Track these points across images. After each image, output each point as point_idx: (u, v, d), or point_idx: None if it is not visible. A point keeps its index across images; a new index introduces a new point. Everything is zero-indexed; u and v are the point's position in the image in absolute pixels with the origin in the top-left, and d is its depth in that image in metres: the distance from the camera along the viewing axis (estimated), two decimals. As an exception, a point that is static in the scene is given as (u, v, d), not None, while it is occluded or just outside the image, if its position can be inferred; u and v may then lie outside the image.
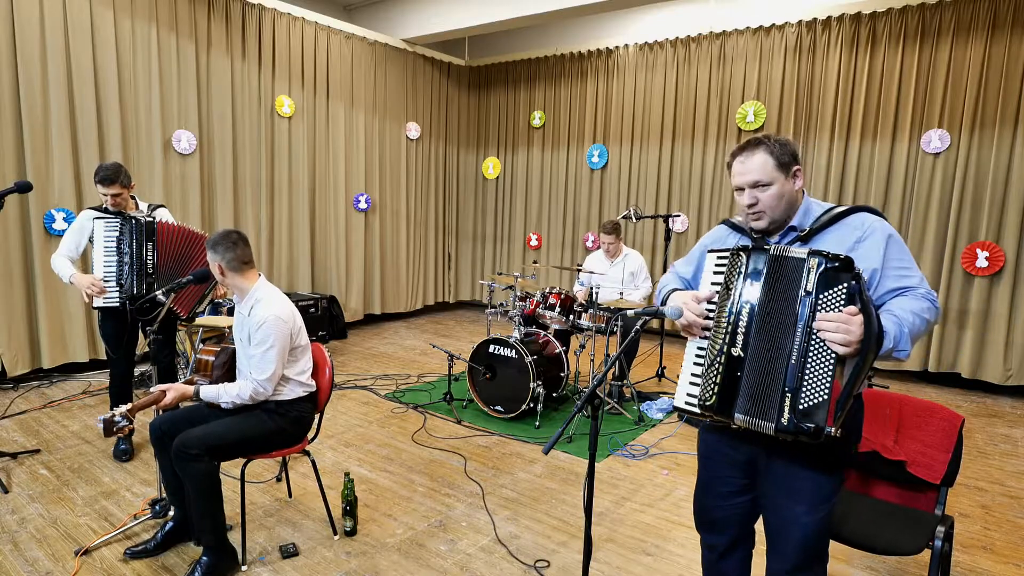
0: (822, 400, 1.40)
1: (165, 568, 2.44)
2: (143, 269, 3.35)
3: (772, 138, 1.61)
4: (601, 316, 4.31)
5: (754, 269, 1.53)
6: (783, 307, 1.48)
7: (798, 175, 1.61)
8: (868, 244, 1.54)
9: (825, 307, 1.41)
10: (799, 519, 1.59)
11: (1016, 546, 2.80)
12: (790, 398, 1.44)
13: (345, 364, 5.55)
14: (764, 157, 1.58)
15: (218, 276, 2.48)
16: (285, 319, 2.45)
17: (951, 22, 5.05)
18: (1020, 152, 4.85)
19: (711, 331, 1.59)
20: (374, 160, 7.04)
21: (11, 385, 4.52)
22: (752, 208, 1.61)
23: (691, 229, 6.52)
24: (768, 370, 1.48)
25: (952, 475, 2.11)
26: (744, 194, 1.62)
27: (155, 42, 5.04)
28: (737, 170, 1.62)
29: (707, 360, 1.59)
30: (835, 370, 1.40)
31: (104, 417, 2.22)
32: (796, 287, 1.45)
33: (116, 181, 3.25)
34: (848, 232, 1.57)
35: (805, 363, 1.43)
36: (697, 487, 1.84)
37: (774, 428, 1.46)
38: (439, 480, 3.31)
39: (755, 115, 6.00)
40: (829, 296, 1.41)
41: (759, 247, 1.55)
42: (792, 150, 1.60)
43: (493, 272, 8.20)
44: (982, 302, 5.07)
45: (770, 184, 1.58)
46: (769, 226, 1.63)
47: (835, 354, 1.39)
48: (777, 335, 1.48)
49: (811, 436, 1.41)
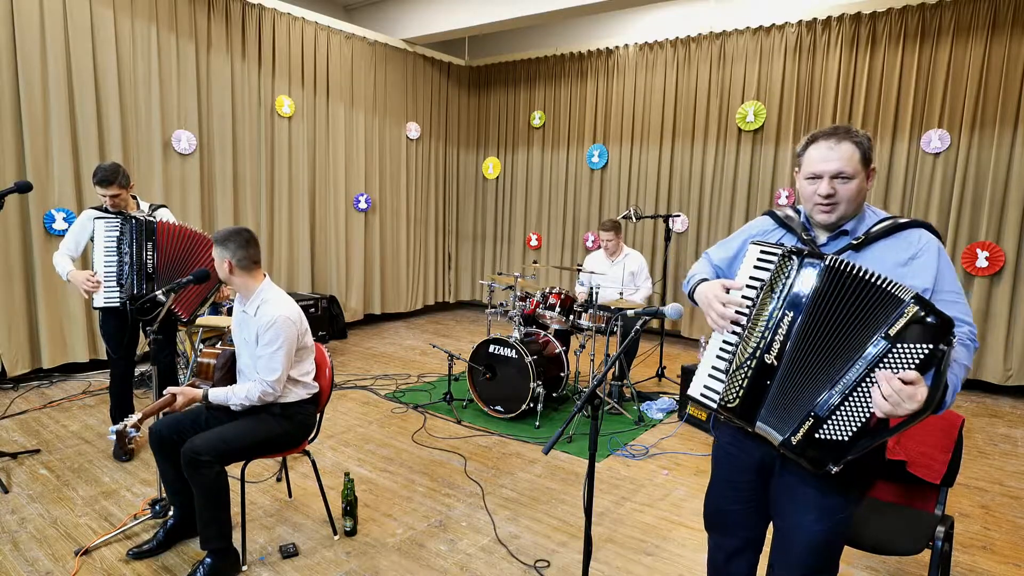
0: (840, 440, 1.36)
1: (165, 568, 2.44)
2: (143, 269, 3.35)
3: (857, 131, 1.53)
4: (601, 316, 4.31)
5: (807, 276, 1.43)
6: (845, 331, 1.38)
7: (872, 175, 1.54)
8: (921, 263, 1.46)
9: (896, 359, 1.30)
10: (808, 527, 1.55)
11: (1016, 546, 2.80)
12: (811, 423, 1.39)
13: (345, 364, 5.55)
14: (852, 149, 1.50)
15: (224, 274, 2.45)
16: (294, 320, 2.45)
17: (951, 22, 5.05)
18: (1020, 152, 4.85)
19: (743, 329, 1.52)
20: (374, 160, 7.04)
21: (11, 385, 4.52)
22: (829, 199, 1.51)
23: (691, 229, 6.53)
24: (806, 390, 1.42)
25: (952, 475, 2.11)
26: (822, 183, 1.51)
27: (155, 42, 5.04)
28: (821, 155, 1.51)
29: (736, 359, 1.53)
30: (868, 421, 1.33)
31: (116, 429, 2.19)
32: (875, 322, 1.33)
33: (114, 182, 3.24)
34: (903, 247, 1.49)
35: (845, 401, 1.36)
36: (709, 487, 1.81)
37: (780, 441, 1.44)
38: (439, 480, 3.31)
39: (755, 115, 6.00)
40: (907, 351, 1.29)
41: (816, 254, 1.44)
42: (871, 147, 1.53)
43: (493, 272, 8.20)
44: (982, 302, 5.07)
45: (852, 177, 1.50)
46: (841, 219, 1.55)
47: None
48: (828, 356, 1.39)
49: (812, 465, 1.39)
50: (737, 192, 6.20)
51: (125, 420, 2.23)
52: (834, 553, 1.60)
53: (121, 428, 2.19)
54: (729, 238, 1.82)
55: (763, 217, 1.74)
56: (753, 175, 6.12)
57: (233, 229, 2.45)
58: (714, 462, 1.80)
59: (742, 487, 1.70)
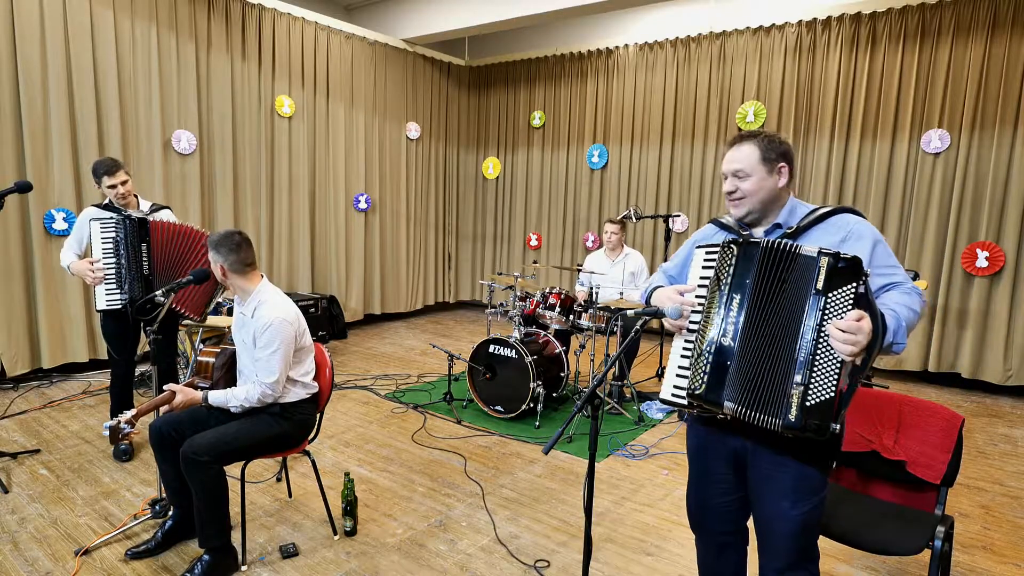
0: (829, 398, 1.43)
1: (165, 568, 2.44)
2: (139, 271, 3.34)
3: (765, 134, 1.67)
4: (601, 316, 4.31)
5: (746, 261, 1.57)
6: (787, 302, 1.50)
7: (783, 172, 1.65)
8: (852, 244, 1.58)
9: (833, 307, 1.43)
10: (786, 513, 1.61)
11: (1016, 546, 2.80)
12: (799, 393, 1.46)
13: (345, 364, 5.55)
14: (751, 149, 1.65)
15: (219, 277, 2.47)
16: (291, 321, 2.45)
17: (951, 22, 5.05)
18: (1020, 152, 4.85)
19: (699, 323, 1.64)
20: (374, 160, 7.04)
21: (11, 385, 4.52)
22: (731, 195, 1.69)
23: (691, 229, 6.52)
24: (767, 363, 1.51)
25: (952, 475, 2.11)
26: (727, 181, 1.69)
27: (155, 42, 5.04)
28: (727, 157, 1.70)
29: (695, 351, 1.64)
30: (840, 369, 1.43)
31: (110, 424, 2.19)
32: (804, 284, 1.47)
33: (122, 167, 3.28)
34: (832, 231, 1.62)
35: (814, 361, 1.45)
36: (688, 485, 1.86)
37: (781, 424, 1.47)
38: (439, 480, 3.31)
39: (755, 115, 6.00)
40: (838, 296, 1.43)
41: (750, 240, 1.58)
42: (781, 149, 1.65)
43: (493, 272, 8.20)
44: (982, 302, 5.07)
45: (750, 175, 1.64)
46: (747, 216, 1.69)
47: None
48: (778, 328, 1.50)
49: (817, 433, 1.44)
50: (737, 192, 6.19)
51: (119, 416, 2.23)
52: (813, 537, 1.67)
53: (115, 423, 2.19)
54: (679, 250, 1.97)
55: (708, 225, 1.89)
56: (753, 175, 6.10)
57: (224, 233, 2.45)
58: (690, 460, 1.85)
59: (719, 480, 1.76)
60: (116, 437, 2.19)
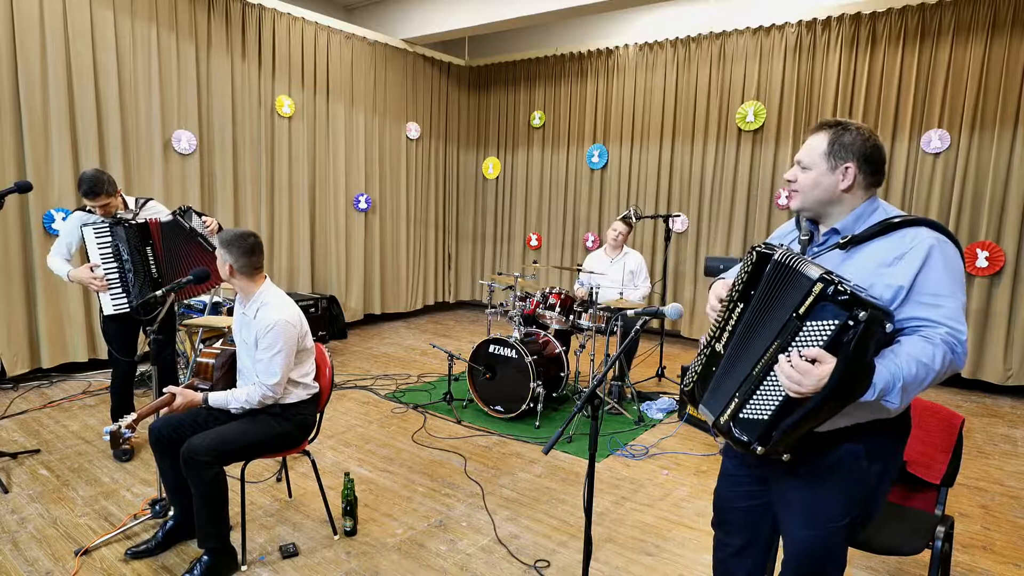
0: (760, 419, 1.40)
1: (165, 568, 2.44)
2: (148, 275, 3.32)
3: (847, 126, 1.51)
4: (601, 316, 4.30)
5: (756, 270, 1.49)
6: (769, 315, 1.42)
7: (847, 174, 1.48)
8: (905, 261, 1.38)
9: (803, 337, 1.32)
10: (795, 533, 1.56)
11: (1016, 546, 2.80)
12: (736, 403, 1.46)
13: (345, 364, 5.55)
14: (820, 141, 1.51)
15: (225, 275, 2.46)
16: (293, 323, 2.44)
17: (951, 22, 5.05)
18: (1020, 152, 4.85)
19: (711, 324, 1.61)
20: (374, 160, 7.04)
21: (11, 385, 4.52)
22: (789, 184, 1.57)
23: (691, 229, 6.52)
24: (734, 370, 1.49)
25: (952, 475, 2.11)
26: (792, 169, 1.58)
27: (155, 42, 5.04)
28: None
29: (700, 349, 1.64)
30: (784, 400, 1.34)
31: (110, 429, 2.17)
32: (789, 304, 1.35)
33: (100, 192, 3.15)
34: (894, 247, 1.41)
35: (763, 379, 1.40)
36: (718, 481, 1.83)
37: (712, 420, 1.51)
38: (439, 480, 3.31)
39: (755, 115, 5.99)
40: (813, 328, 1.30)
41: (766, 251, 1.47)
42: (857, 147, 1.48)
43: (493, 272, 8.20)
44: (982, 302, 5.07)
45: (809, 168, 1.52)
46: (802, 210, 1.57)
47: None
48: (753, 340, 1.45)
49: (738, 445, 1.44)
50: (737, 192, 6.20)
51: (120, 420, 2.22)
52: (826, 562, 1.56)
53: (116, 429, 2.17)
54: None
55: (791, 220, 1.76)
56: (753, 175, 6.11)
57: (240, 233, 2.43)
58: (723, 454, 1.83)
59: (744, 484, 1.72)
60: (117, 442, 2.18)
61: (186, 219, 3.44)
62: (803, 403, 1.32)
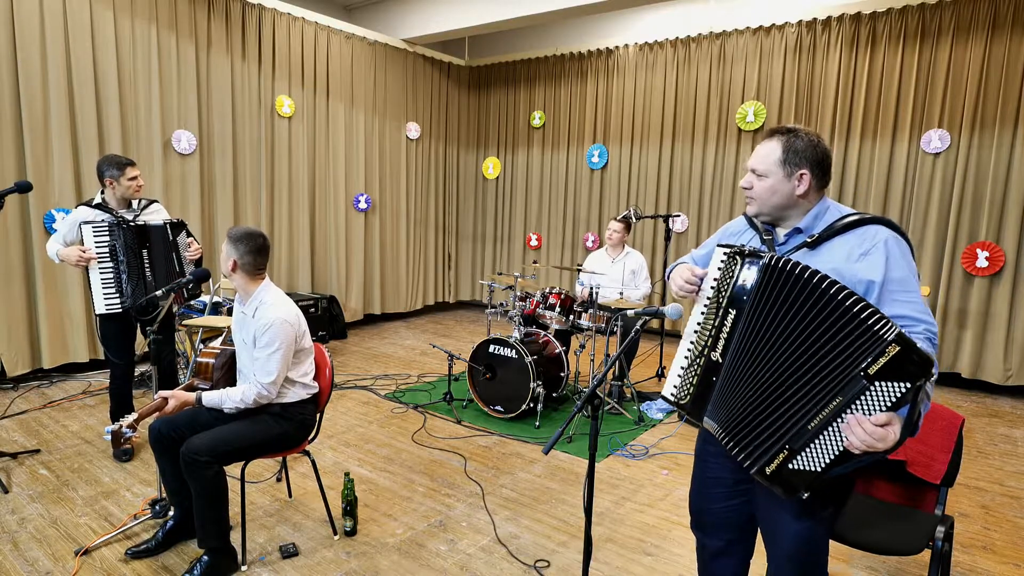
0: (812, 471, 1.36)
1: (165, 568, 2.44)
2: (143, 277, 3.33)
3: (797, 132, 1.54)
4: (601, 316, 4.31)
5: (746, 275, 1.48)
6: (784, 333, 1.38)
7: (803, 181, 1.52)
8: (870, 259, 1.44)
9: (871, 398, 1.27)
10: (788, 526, 1.56)
11: (1016, 546, 2.80)
12: (784, 455, 1.39)
13: (345, 364, 5.55)
14: (773, 147, 1.55)
15: (227, 270, 2.47)
16: (291, 322, 2.44)
17: (951, 22, 5.05)
18: (1020, 152, 4.85)
19: (698, 329, 1.59)
20: (374, 160, 7.04)
21: (11, 385, 4.52)
22: (746, 191, 1.61)
23: (691, 229, 6.52)
24: (763, 403, 1.43)
25: (952, 475, 2.11)
26: (746, 176, 1.61)
27: (155, 42, 5.04)
28: (753, 151, 1.62)
29: (691, 358, 1.60)
30: (841, 453, 1.33)
31: (111, 429, 2.17)
32: (846, 349, 1.29)
33: (135, 162, 3.37)
34: (857, 243, 1.48)
35: (821, 433, 1.34)
36: (691, 486, 1.83)
37: (755, 471, 1.45)
38: (439, 480, 3.31)
39: (755, 115, 6.00)
40: (883, 389, 1.25)
41: (756, 253, 1.48)
42: (808, 154, 1.52)
43: (493, 272, 8.20)
44: (982, 302, 5.07)
45: (765, 176, 1.56)
46: (759, 216, 1.62)
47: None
48: (787, 371, 1.39)
49: (784, 491, 1.41)
50: (737, 192, 6.19)
51: (121, 420, 2.22)
52: (817, 551, 1.59)
53: (116, 428, 2.18)
54: (709, 239, 1.87)
55: (739, 218, 1.79)
56: (753, 175, 6.11)
57: (250, 232, 2.44)
58: (696, 458, 1.81)
59: (721, 485, 1.72)
60: (118, 442, 2.18)
61: (174, 231, 3.44)
62: (860, 456, 1.31)
